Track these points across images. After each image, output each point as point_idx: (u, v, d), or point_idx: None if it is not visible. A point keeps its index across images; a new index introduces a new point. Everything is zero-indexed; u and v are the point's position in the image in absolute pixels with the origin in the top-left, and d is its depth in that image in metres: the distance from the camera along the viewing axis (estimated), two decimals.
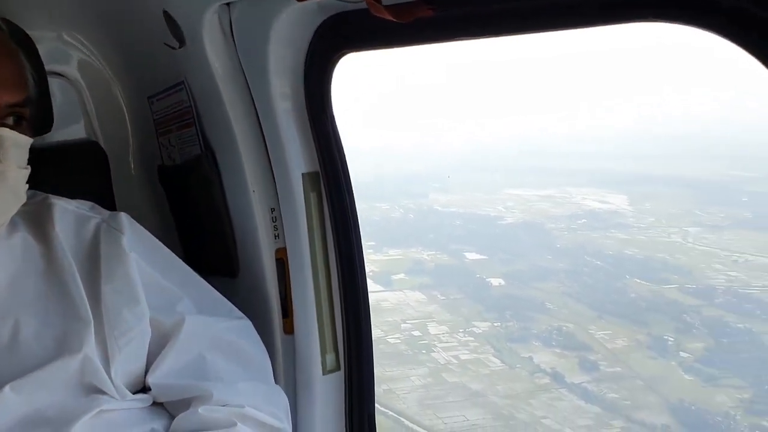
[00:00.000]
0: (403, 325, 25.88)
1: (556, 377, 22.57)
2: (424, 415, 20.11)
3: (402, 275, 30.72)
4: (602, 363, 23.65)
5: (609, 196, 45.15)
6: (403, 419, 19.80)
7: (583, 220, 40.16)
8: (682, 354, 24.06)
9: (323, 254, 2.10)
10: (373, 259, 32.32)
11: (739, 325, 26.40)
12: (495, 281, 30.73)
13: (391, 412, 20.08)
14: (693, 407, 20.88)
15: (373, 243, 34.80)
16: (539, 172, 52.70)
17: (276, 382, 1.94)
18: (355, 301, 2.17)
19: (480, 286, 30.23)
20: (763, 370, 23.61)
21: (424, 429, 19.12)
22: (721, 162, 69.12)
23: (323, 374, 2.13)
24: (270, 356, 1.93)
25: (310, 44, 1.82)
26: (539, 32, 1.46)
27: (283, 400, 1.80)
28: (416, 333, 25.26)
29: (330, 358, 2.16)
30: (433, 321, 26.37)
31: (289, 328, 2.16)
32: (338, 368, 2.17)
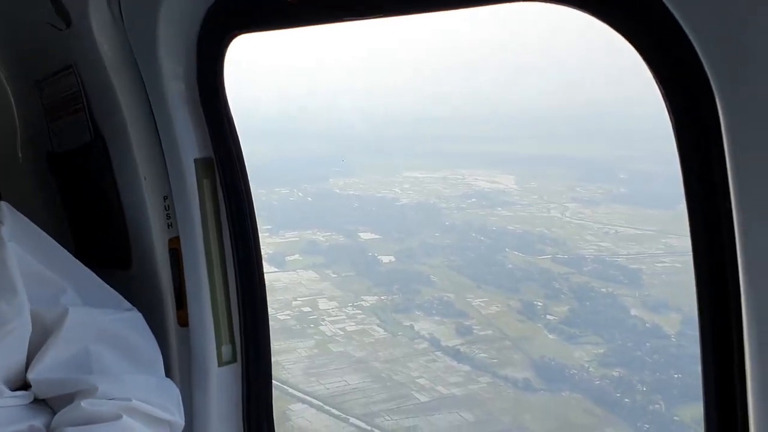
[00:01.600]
0: (294, 302, 27.08)
1: (433, 342, 24.44)
2: (307, 383, 21.48)
3: (297, 256, 31.82)
4: (476, 327, 25.72)
5: (498, 177, 47.82)
6: (286, 387, 21.10)
7: (472, 200, 42.43)
8: (548, 317, 26.45)
9: (218, 243, 2.03)
10: (269, 242, 33.26)
11: (602, 290, 29.12)
12: (386, 258, 32.35)
13: (276, 382, 21.30)
14: (553, 362, 23.18)
15: (269, 226, 35.69)
16: (435, 155, 54.76)
17: (170, 374, 1.91)
18: (251, 291, 2.09)
19: (371, 264, 31.79)
20: (617, 328, 26.28)
21: (304, 394, 20.48)
22: (606, 142, 73.85)
23: (219, 366, 2.10)
24: (164, 348, 1.90)
25: (202, 26, 1.75)
26: (428, 12, 1.47)
27: (175, 392, 1.76)
28: (306, 309, 26.52)
29: (226, 349, 2.10)
30: (324, 297, 27.72)
31: (183, 320, 2.11)
32: (235, 360, 2.13)
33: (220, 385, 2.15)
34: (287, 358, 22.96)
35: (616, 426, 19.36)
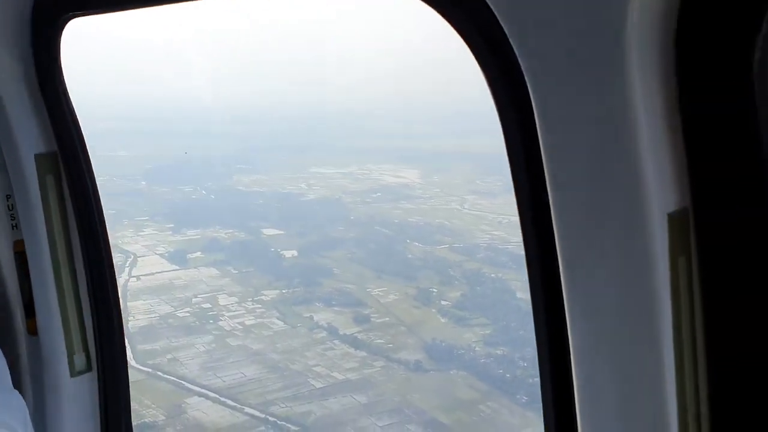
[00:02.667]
0: (194, 299, 27.23)
1: (331, 331, 25.24)
2: (205, 377, 21.81)
3: (198, 253, 31.86)
4: (374, 315, 26.71)
5: (403, 171, 49.16)
6: (183, 382, 21.36)
7: (377, 194, 43.49)
8: (442, 302, 27.76)
9: (65, 245, 1.89)
10: (171, 240, 33.16)
11: (492, 275, 30.75)
12: (288, 253, 32.87)
13: (172, 377, 21.56)
14: (443, 344, 24.45)
15: (172, 225, 35.49)
16: (345, 151, 55.53)
17: (20, 386, 1.79)
18: (104, 298, 1.98)
19: (273, 259, 32.24)
20: (503, 310, 27.88)
21: (201, 387, 20.83)
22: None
23: (72, 376, 1.99)
24: (13, 359, 1.77)
25: (34, 9, 1.60)
26: None
27: (21, 406, 1.63)
28: (206, 305, 26.74)
29: (79, 359, 1.98)
30: (224, 293, 27.99)
31: (33, 329, 1.99)
32: (89, 369, 2.02)
33: (74, 395, 2.03)
34: (185, 354, 23.19)
35: (498, 399, 20.75)
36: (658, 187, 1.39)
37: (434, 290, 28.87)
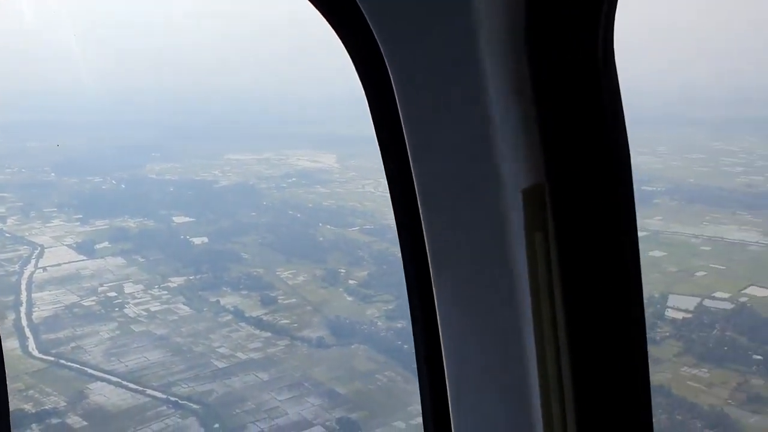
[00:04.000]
0: (100, 288, 27.20)
1: (237, 314, 25.77)
2: (108, 363, 22.03)
3: (106, 243, 31.66)
4: (281, 297, 27.37)
5: (320, 156, 49.74)
6: (86, 368, 21.53)
7: (293, 179, 43.94)
8: (349, 281, 28.66)
9: None
10: (79, 231, 32.80)
11: (398, 254, 31.84)
12: (198, 240, 33.05)
13: (75, 365, 21.70)
14: (347, 321, 25.36)
15: (80, 216, 35.06)
16: (261, 137, 55.49)
17: None
18: None
19: (183, 246, 32.37)
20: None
21: (103, 372, 21.08)
22: None
23: None
24: None
25: None
26: None
27: None
28: (112, 294, 26.77)
29: None
30: (130, 281, 28.04)
31: None
32: None
33: None
34: (89, 341, 23.29)
35: (394, 368, 21.82)
36: (512, 163, 1.44)
37: (342, 271, 29.75)
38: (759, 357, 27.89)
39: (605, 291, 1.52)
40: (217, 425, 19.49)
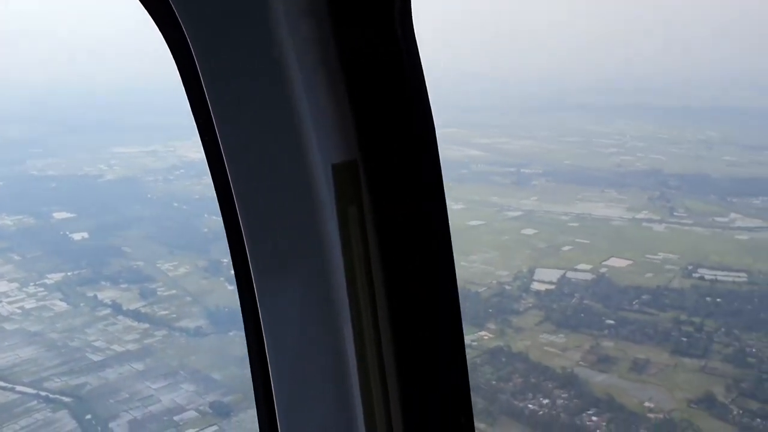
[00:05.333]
0: None
1: (115, 308, 26.01)
2: None
3: None
4: (161, 289, 27.76)
5: None
6: None
7: (180, 171, 43.76)
8: (231, 271, 29.33)
9: None
10: None
11: None
12: (78, 235, 32.74)
13: None
14: (226, 309, 26.11)
15: None
16: (148, 128, 54.57)
17: None
18: None
19: (62, 242, 32.01)
20: None
21: None
22: None
23: None
24: None
25: None
26: None
27: None
28: None
29: None
30: (4, 280, 27.65)
31: None
32: None
33: None
34: None
35: None
36: (322, 138, 1.43)
37: (225, 261, 30.42)
38: (611, 322, 30.73)
39: (424, 265, 1.55)
40: (89, 416, 19.94)
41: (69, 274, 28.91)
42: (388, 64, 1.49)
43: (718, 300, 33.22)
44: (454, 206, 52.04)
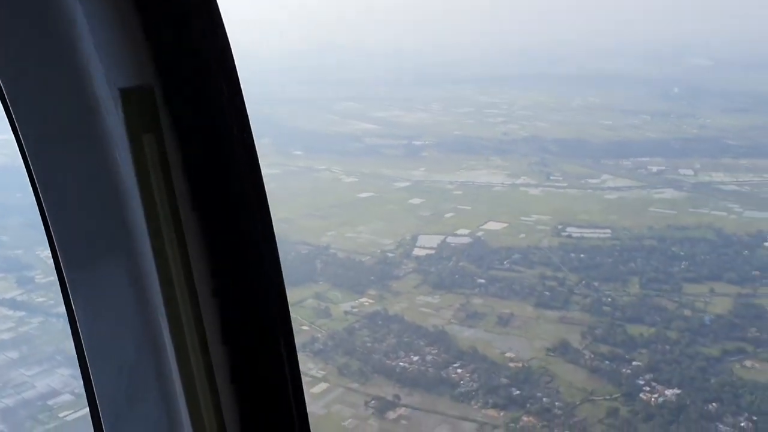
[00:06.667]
0: None
1: None
2: None
3: None
4: (39, 276, 27.76)
5: None
6: None
7: None
8: None
9: None
10: None
11: None
12: None
13: None
14: None
15: None
16: None
17: None
18: None
19: None
20: None
21: None
22: None
23: None
24: None
25: None
26: None
27: None
28: None
29: None
30: None
31: None
32: None
33: None
34: None
35: None
36: (111, 63, 1.33)
37: None
38: (482, 281, 32.79)
39: (231, 191, 1.45)
40: None
41: None
42: None
43: (582, 255, 35.96)
44: (345, 179, 53.35)
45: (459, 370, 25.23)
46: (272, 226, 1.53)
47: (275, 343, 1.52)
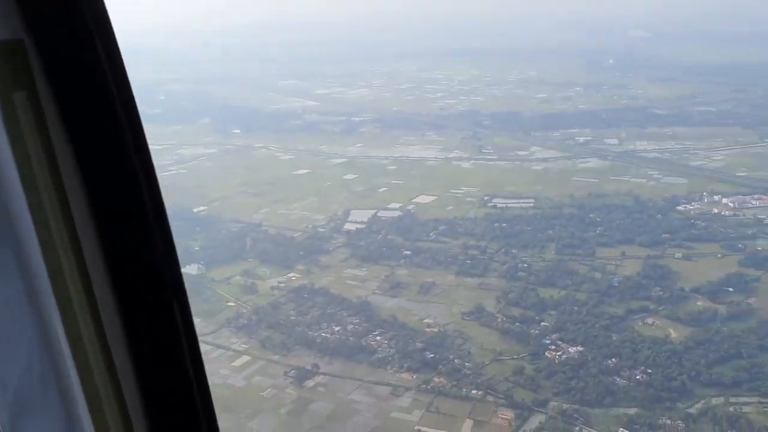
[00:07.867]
0: None
1: None
2: None
3: None
4: None
5: None
6: None
7: None
8: None
9: None
10: None
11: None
12: None
13: None
14: None
15: None
16: None
17: None
18: None
19: None
20: None
21: None
22: (150, 66, 77.07)
23: None
24: None
25: None
26: None
27: None
28: None
29: None
30: None
31: None
32: None
33: None
34: None
35: None
36: None
37: None
38: (408, 252, 33.77)
39: (114, 135, 1.34)
40: None
41: None
42: None
43: (504, 225, 37.10)
44: (282, 157, 53.42)
45: (378, 338, 26.39)
46: (162, 200, 1.41)
47: (171, 315, 1.44)
